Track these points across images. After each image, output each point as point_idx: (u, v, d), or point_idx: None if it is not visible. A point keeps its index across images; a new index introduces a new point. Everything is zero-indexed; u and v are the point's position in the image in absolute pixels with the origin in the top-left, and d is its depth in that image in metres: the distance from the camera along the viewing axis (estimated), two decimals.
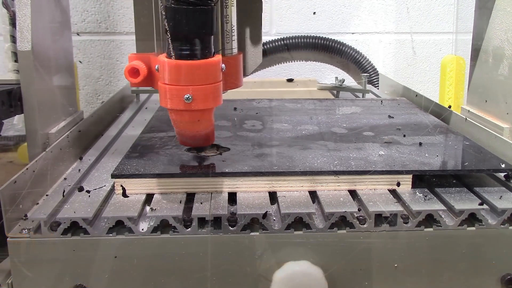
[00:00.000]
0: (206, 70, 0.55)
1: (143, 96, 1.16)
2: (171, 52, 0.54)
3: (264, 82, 1.30)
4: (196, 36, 0.54)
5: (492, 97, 0.80)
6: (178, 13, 0.52)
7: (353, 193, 0.61)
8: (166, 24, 0.53)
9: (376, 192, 0.61)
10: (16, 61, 0.78)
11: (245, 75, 0.68)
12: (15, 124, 0.89)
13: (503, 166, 0.63)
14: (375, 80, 1.37)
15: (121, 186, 0.60)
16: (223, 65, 0.58)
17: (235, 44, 0.64)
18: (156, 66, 0.57)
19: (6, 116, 0.72)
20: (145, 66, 0.60)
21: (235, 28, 0.63)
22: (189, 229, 0.55)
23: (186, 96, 0.55)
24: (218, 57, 0.57)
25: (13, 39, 0.80)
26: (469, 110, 0.86)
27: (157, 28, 0.63)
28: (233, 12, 0.62)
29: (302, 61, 1.45)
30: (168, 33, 0.54)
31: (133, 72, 0.60)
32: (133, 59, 0.61)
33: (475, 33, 0.85)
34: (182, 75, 0.54)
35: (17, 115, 0.77)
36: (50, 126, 0.73)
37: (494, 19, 0.79)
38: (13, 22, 0.78)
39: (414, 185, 0.62)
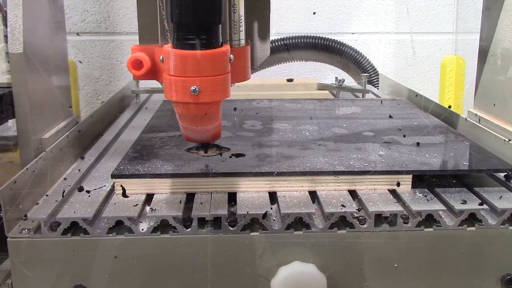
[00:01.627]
0: (214, 60, 0.52)
1: (143, 96, 1.16)
2: (177, 42, 0.51)
3: (264, 82, 1.30)
4: (203, 25, 0.51)
5: (501, 100, 0.77)
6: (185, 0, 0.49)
7: (353, 193, 0.61)
8: (172, 11, 0.50)
9: (376, 192, 0.61)
10: (9, 62, 0.77)
11: (253, 67, 0.65)
12: (10, 127, 0.87)
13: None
14: (375, 80, 1.37)
15: (121, 186, 0.60)
16: (231, 56, 0.55)
17: (242, 35, 0.60)
18: (161, 56, 0.55)
19: None
20: (149, 58, 0.57)
21: (242, 18, 0.60)
22: (189, 229, 0.55)
23: (193, 88, 0.52)
24: (227, 47, 0.54)
25: (7, 39, 0.78)
26: (476, 114, 0.83)
27: (161, 18, 0.59)
28: (241, 2, 0.59)
29: (302, 61, 1.45)
30: (173, 21, 0.51)
31: (136, 64, 0.57)
32: (136, 50, 0.58)
33: (482, 35, 0.83)
34: (189, 65, 0.51)
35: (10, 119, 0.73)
36: (43, 130, 0.71)
37: (503, 20, 0.76)
38: (6, 23, 0.76)
39: (414, 185, 0.62)
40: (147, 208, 0.57)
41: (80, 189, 0.61)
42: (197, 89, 0.52)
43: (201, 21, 0.50)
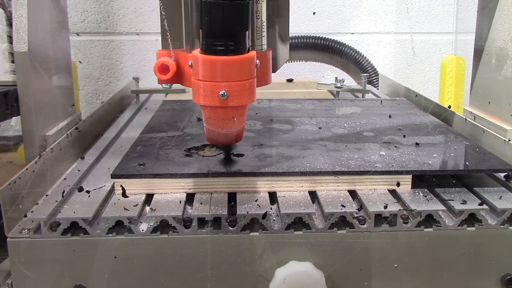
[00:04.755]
0: (241, 65, 0.54)
1: (143, 96, 1.16)
2: (206, 47, 0.53)
3: None
4: (232, 31, 0.52)
5: (496, 98, 0.79)
6: (215, 7, 0.51)
7: (353, 193, 0.61)
8: (202, 18, 0.52)
9: (376, 192, 0.61)
10: (13, 61, 0.78)
11: (274, 71, 0.66)
12: (13, 126, 0.88)
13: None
14: (375, 80, 1.37)
15: (121, 186, 0.60)
16: (257, 61, 0.57)
17: (265, 40, 0.62)
18: (190, 62, 0.56)
19: (2, 118, 0.71)
20: (175, 63, 0.58)
21: (265, 24, 0.61)
22: (189, 229, 0.55)
23: (221, 92, 0.53)
24: (253, 53, 0.55)
25: (10, 39, 0.79)
26: (471, 112, 0.85)
27: (186, 24, 0.60)
28: (263, 8, 0.60)
29: (302, 61, 1.45)
30: (202, 28, 0.52)
31: (163, 68, 0.58)
32: (162, 55, 0.59)
33: (477, 34, 0.84)
34: (218, 71, 0.53)
35: (14, 117, 0.75)
36: (47, 127, 0.72)
37: (498, 20, 0.78)
38: (10, 23, 0.77)
39: (414, 185, 0.62)
40: (147, 208, 0.57)
41: (80, 189, 0.61)
42: (225, 94, 0.53)
43: (230, 28, 0.52)
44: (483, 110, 0.83)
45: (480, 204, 0.57)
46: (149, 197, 0.60)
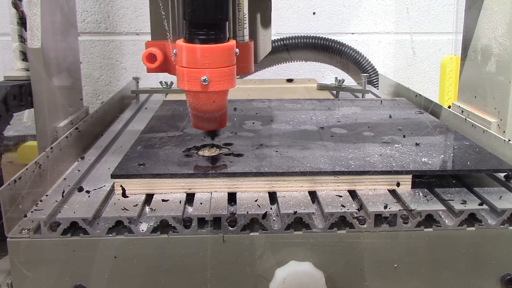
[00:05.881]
0: (221, 53, 0.58)
1: (143, 96, 1.16)
2: (189, 37, 0.57)
3: (264, 82, 1.30)
4: (213, 22, 0.57)
5: (481, 93, 0.83)
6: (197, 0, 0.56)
7: (353, 193, 0.61)
8: (184, 10, 0.57)
9: (375, 193, 0.61)
10: (23, 60, 0.81)
11: (256, 62, 0.72)
12: (25, 122, 0.91)
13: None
14: (374, 80, 1.37)
15: (121, 186, 0.60)
16: (237, 50, 0.61)
17: (246, 32, 0.67)
18: (174, 50, 0.61)
19: (17, 109, 0.76)
20: (161, 52, 0.63)
21: (246, 16, 0.66)
22: (189, 229, 0.55)
23: (203, 78, 0.58)
24: (233, 42, 0.60)
25: (21, 38, 0.83)
26: (459, 106, 0.89)
27: (172, 16, 0.65)
28: (245, 1, 0.65)
29: (302, 61, 1.45)
30: (185, 19, 0.57)
31: (151, 57, 0.63)
32: (150, 45, 0.64)
33: (465, 33, 0.88)
34: (200, 58, 0.57)
35: (26, 112, 0.82)
36: (58, 120, 0.77)
37: (483, 18, 0.82)
38: (22, 22, 0.81)
39: (414, 185, 0.62)
40: (147, 208, 0.57)
41: (80, 189, 0.61)
42: (207, 79, 0.58)
43: (211, 19, 0.57)
44: (470, 104, 0.87)
45: (480, 204, 0.57)
46: (149, 197, 0.60)
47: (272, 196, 0.60)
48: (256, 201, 0.58)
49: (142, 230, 0.54)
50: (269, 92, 1.19)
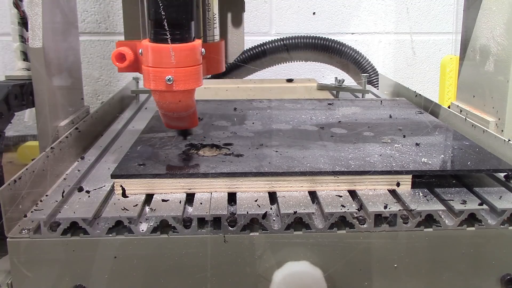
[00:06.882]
0: (186, 53, 0.59)
1: (143, 96, 1.16)
2: (154, 37, 0.58)
3: (264, 82, 1.30)
4: (177, 22, 0.58)
5: (480, 92, 0.84)
6: (161, 0, 0.56)
7: (353, 193, 0.61)
8: (149, 10, 0.57)
9: (375, 193, 0.61)
10: (24, 59, 0.82)
11: (227, 61, 0.73)
12: (26, 121, 0.91)
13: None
14: (374, 80, 1.37)
15: (121, 186, 0.60)
16: (203, 49, 0.62)
17: (217, 32, 0.68)
18: (140, 50, 0.61)
19: (19, 108, 0.77)
20: (132, 52, 0.63)
21: (216, 16, 0.67)
22: (189, 229, 0.55)
23: (167, 77, 0.58)
24: (198, 42, 0.61)
25: (22, 38, 0.83)
26: (458, 105, 0.90)
27: (143, 16, 0.67)
28: (214, 1, 0.67)
29: (302, 61, 1.45)
30: (150, 19, 0.58)
31: (120, 57, 0.63)
32: (120, 45, 0.64)
33: (464, 33, 0.89)
34: (164, 58, 0.58)
35: (27, 111, 0.82)
36: (59, 119, 0.77)
37: (481, 18, 0.83)
38: (23, 22, 0.82)
39: (414, 185, 0.62)
40: (147, 208, 0.57)
41: (80, 189, 0.61)
42: (171, 79, 0.58)
43: (175, 19, 0.57)
44: (469, 103, 0.87)
45: (480, 204, 0.57)
46: (149, 197, 0.60)
47: (272, 196, 0.60)
48: (256, 201, 0.58)
49: (142, 230, 0.54)
50: (269, 92, 1.19)
